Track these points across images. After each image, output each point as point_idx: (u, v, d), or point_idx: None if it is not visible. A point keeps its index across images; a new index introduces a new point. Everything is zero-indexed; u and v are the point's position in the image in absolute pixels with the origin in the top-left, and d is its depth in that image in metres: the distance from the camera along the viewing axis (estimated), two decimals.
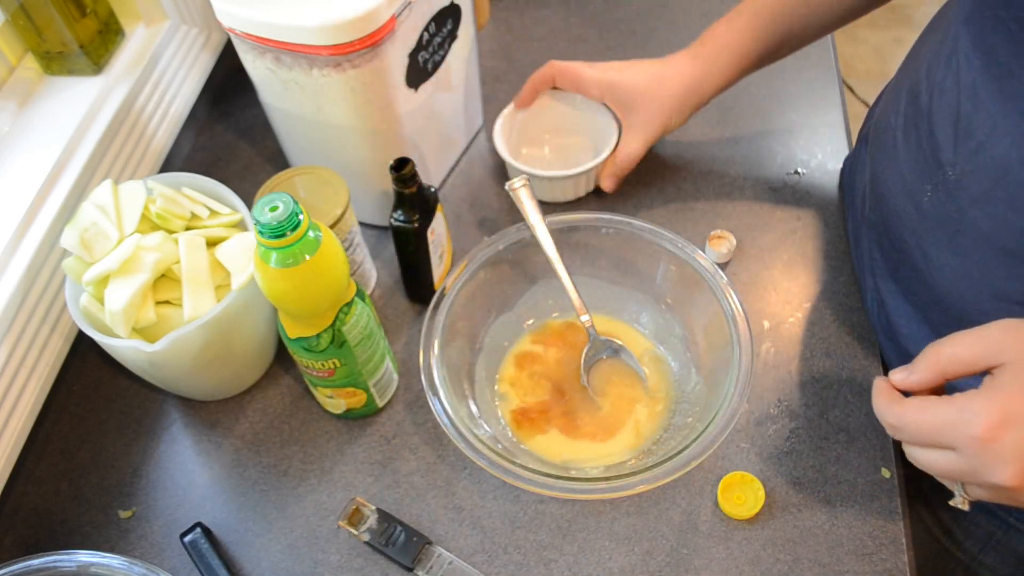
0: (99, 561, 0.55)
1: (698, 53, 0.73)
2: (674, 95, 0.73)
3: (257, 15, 0.62)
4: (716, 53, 0.73)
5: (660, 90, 0.73)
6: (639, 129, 0.74)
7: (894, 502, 0.61)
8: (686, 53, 0.74)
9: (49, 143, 0.73)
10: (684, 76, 0.73)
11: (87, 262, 0.62)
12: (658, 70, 0.74)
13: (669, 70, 0.73)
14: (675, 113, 0.74)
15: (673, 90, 0.73)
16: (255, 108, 0.83)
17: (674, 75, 0.73)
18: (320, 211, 0.66)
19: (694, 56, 0.73)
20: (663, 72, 0.73)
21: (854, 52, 2.24)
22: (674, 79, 0.73)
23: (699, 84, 0.73)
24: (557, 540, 0.61)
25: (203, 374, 0.65)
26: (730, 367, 0.60)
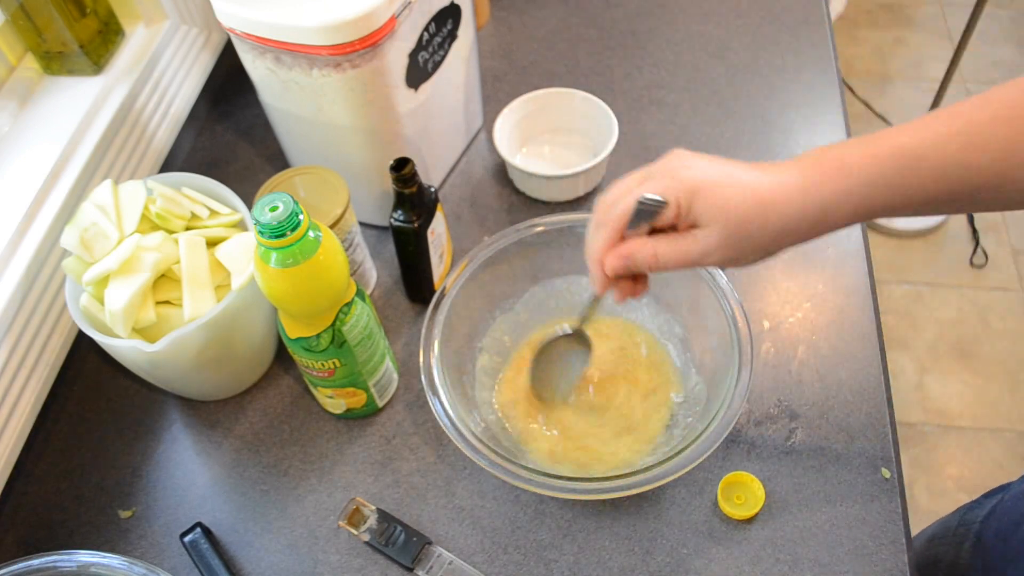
0: (99, 561, 0.55)
1: (813, 178, 0.47)
2: (751, 205, 0.47)
3: (257, 15, 0.62)
4: (837, 187, 0.47)
5: (734, 189, 0.48)
6: (699, 246, 0.49)
7: (894, 502, 0.61)
8: (797, 171, 0.48)
9: (49, 143, 0.73)
10: (776, 185, 0.48)
11: (87, 262, 0.62)
12: (743, 170, 0.49)
13: (761, 174, 0.48)
14: (747, 230, 0.48)
15: (753, 196, 0.47)
16: (255, 108, 0.83)
17: (765, 181, 0.48)
18: (320, 211, 0.66)
19: (805, 182, 0.47)
20: (750, 174, 0.49)
21: (854, 52, 2.24)
22: (761, 183, 0.48)
23: (791, 203, 0.47)
24: (557, 540, 0.61)
25: (203, 374, 0.65)
26: (730, 367, 0.60)
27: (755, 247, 0.49)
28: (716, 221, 0.47)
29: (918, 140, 0.45)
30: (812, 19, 0.97)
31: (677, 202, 0.48)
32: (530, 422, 0.66)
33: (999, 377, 1.62)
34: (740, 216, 0.47)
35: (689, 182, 0.48)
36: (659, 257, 0.50)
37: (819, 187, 0.47)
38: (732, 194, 0.47)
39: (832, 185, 0.46)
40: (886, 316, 1.70)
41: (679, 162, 0.50)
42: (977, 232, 1.83)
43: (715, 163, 0.49)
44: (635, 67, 0.94)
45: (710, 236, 0.48)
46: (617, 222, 0.51)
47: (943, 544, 0.74)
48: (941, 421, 1.57)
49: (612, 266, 0.52)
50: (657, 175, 0.50)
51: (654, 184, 0.49)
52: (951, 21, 2.29)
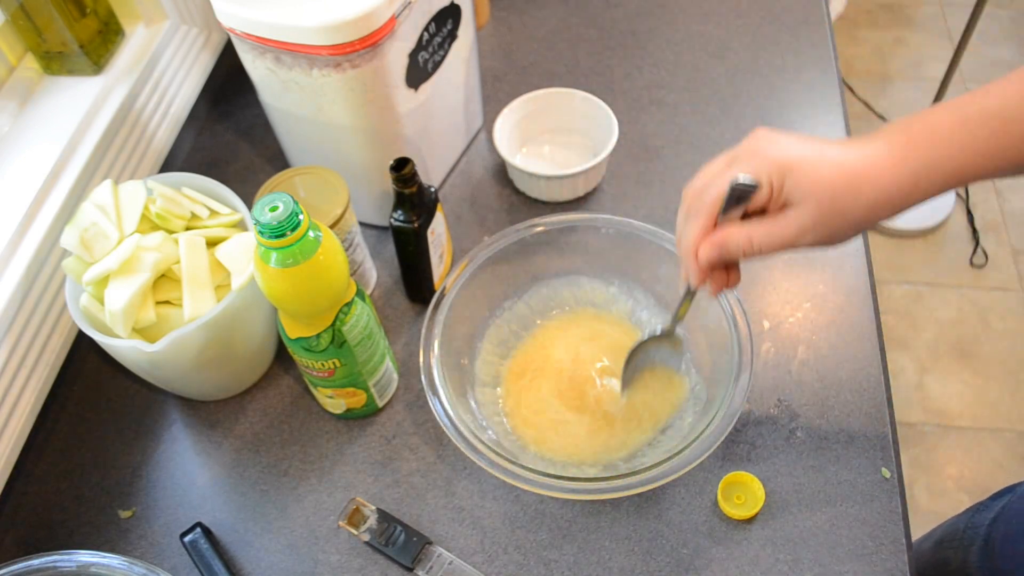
0: (99, 561, 0.55)
1: (903, 148, 0.47)
2: (843, 180, 0.47)
3: (257, 15, 0.62)
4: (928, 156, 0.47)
5: (824, 164, 0.48)
6: (794, 225, 0.49)
7: (894, 502, 0.61)
8: (886, 142, 0.47)
9: (49, 143, 0.73)
10: (866, 157, 0.47)
11: (87, 262, 0.62)
12: (829, 146, 0.49)
13: (848, 148, 0.48)
14: (840, 205, 0.47)
15: (845, 170, 0.47)
16: (255, 108, 0.83)
17: (854, 153, 0.48)
18: (320, 211, 0.66)
19: (895, 153, 0.47)
20: (837, 148, 0.48)
21: (854, 52, 2.24)
22: (851, 157, 0.47)
23: (883, 175, 0.47)
24: (557, 540, 0.61)
25: (203, 374, 0.65)
26: (730, 367, 0.60)
27: (849, 222, 0.48)
28: (809, 199, 0.47)
29: (1006, 102, 0.45)
30: (812, 19, 0.97)
31: (770, 182, 0.47)
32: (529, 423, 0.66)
33: (999, 377, 1.62)
34: (833, 192, 0.46)
35: (779, 161, 0.47)
36: (754, 242, 0.49)
37: (910, 157, 0.46)
38: (824, 170, 0.46)
39: (923, 154, 0.46)
40: (886, 316, 1.70)
41: (765, 141, 0.49)
42: (977, 232, 1.83)
43: (801, 140, 0.48)
44: (635, 67, 0.94)
45: (804, 215, 0.47)
46: (710, 208, 0.50)
47: (951, 547, 0.74)
48: (941, 421, 1.57)
49: (707, 256, 0.51)
50: (744, 156, 0.49)
51: (744, 166, 0.48)
52: (951, 21, 2.29)
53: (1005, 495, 0.71)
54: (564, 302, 0.72)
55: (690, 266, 0.52)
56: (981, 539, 0.70)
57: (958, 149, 0.45)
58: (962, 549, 0.72)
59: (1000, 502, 0.71)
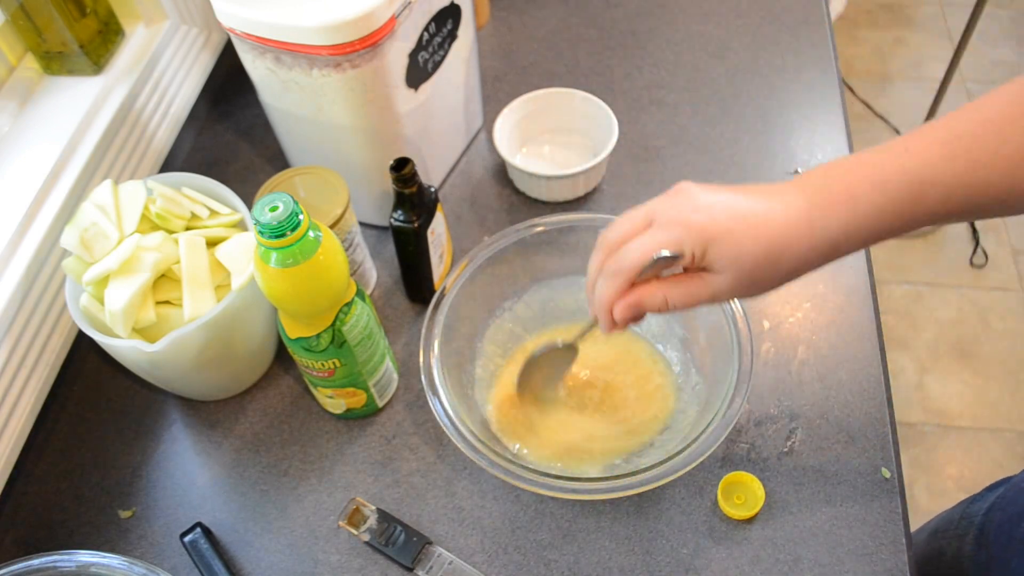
0: (99, 561, 0.55)
1: (822, 210, 0.47)
2: (763, 252, 0.47)
3: (257, 15, 0.62)
4: (846, 219, 0.47)
5: (746, 235, 0.47)
6: (708, 291, 0.50)
7: (894, 502, 0.61)
8: (805, 200, 0.47)
9: (49, 143, 0.73)
10: (786, 225, 0.47)
11: (87, 262, 0.62)
12: (752, 206, 0.48)
13: (770, 208, 0.48)
14: (760, 274, 0.48)
15: (765, 242, 0.47)
16: (255, 108, 0.83)
17: (776, 218, 0.47)
18: (320, 211, 0.66)
19: (813, 216, 0.47)
20: (759, 209, 0.48)
21: (854, 52, 2.24)
22: (772, 224, 0.47)
23: (801, 243, 0.47)
24: (557, 540, 0.61)
25: (203, 374, 0.65)
26: (730, 367, 0.60)
27: (767, 285, 0.49)
28: (729, 269, 0.47)
29: (923, 164, 0.45)
30: (812, 19, 0.97)
31: (692, 253, 0.48)
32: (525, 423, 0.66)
33: (999, 377, 1.62)
34: (753, 263, 0.47)
35: (701, 231, 0.47)
36: (670, 302, 0.50)
37: (828, 220, 0.46)
38: (745, 241, 0.47)
39: (841, 218, 0.46)
40: (886, 316, 1.70)
41: (688, 204, 0.48)
42: (977, 232, 1.83)
43: (722, 200, 0.48)
44: (635, 67, 0.94)
45: (723, 281, 0.48)
46: (629, 274, 0.50)
47: (945, 537, 0.74)
48: (941, 421, 1.57)
49: (622, 315, 0.51)
50: (666, 223, 0.49)
51: (665, 235, 0.48)
52: (951, 21, 2.29)
53: (1000, 486, 0.71)
54: (564, 302, 0.72)
55: (604, 320, 0.53)
56: (976, 528, 0.70)
57: (877, 211, 0.46)
58: (956, 539, 0.72)
59: (995, 493, 0.71)
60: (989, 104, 0.45)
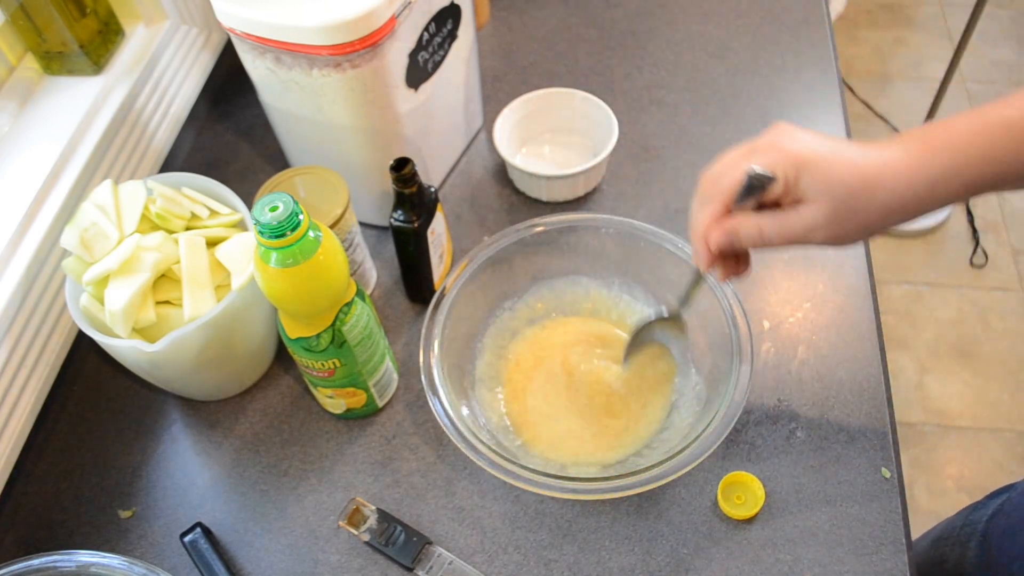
0: (99, 561, 0.55)
1: (920, 154, 0.47)
2: (858, 180, 0.47)
3: (257, 15, 0.62)
4: (945, 162, 0.47)
5: (841, 163, 0.48)
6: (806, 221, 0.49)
7: (894, 502, 0.61)
8: (903, 148, 0.48)
9: (49, 143, 0.73)
10: (883, 161, 0.47)
11: (87, 262, 0.62)
12: (848, 145, 0.49)
13: (867, 149, 0.48)
14: (854, 205, 0.48)
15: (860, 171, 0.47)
16: (255, 108, 0.83)
17: (872, 155, 0.48)
18: (320, 211, 0.66)
19: (912, 158, 0.47)
20: (855, 148, 0.48)
21: (854, 52, 2.24)
22: (868, 158, 0.47)
23: (899, 178, 0.47)
24: (557, 540, 0.61)
25: (203, 374, 0.65)
26: (730, 367, 0.60)
27: (861, 224, 0.48)
28: (823, 196, 0.47)
29: (1022, 112, 0.45)
30: (812, 19, 0.97)
31: (785, 176, 0.47)
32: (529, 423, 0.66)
33: (999, 377, 1.62)
34: (847, 191, 0.46)
35: (797, 156, 0.47)
36: (764, 232, 0.49)
37: (928, 163, 0.46)
38: (840, 169, 0.46)
39: (941, 160, 0.46)
40: (886, 316, 1.70)
41: (785, 135, 0.49)
42: (977, 232, 1.83)
43: (821, 137, 0.48)
44: (635, 67, 0.94)
45: (817, 211, 0.47)
46: (724, 195, 0.50)
47: (948, 544, 0.74)
48: (941, 421, 1.57)
49: (717, 241, 0.51)
50: (763, 148, 0.49)
51: (761, 158, 0.48)
52: (951, 21, 2.29)
53: (1003, 493, 0.71)
54: (564, 302, 0.72)
55: (700, 250, 0.52)
56: (979, 535, 0.70)
57: (977, 156, 0.45)
58: (959, 545, 0.72)
59: (998, 500, 0.71)
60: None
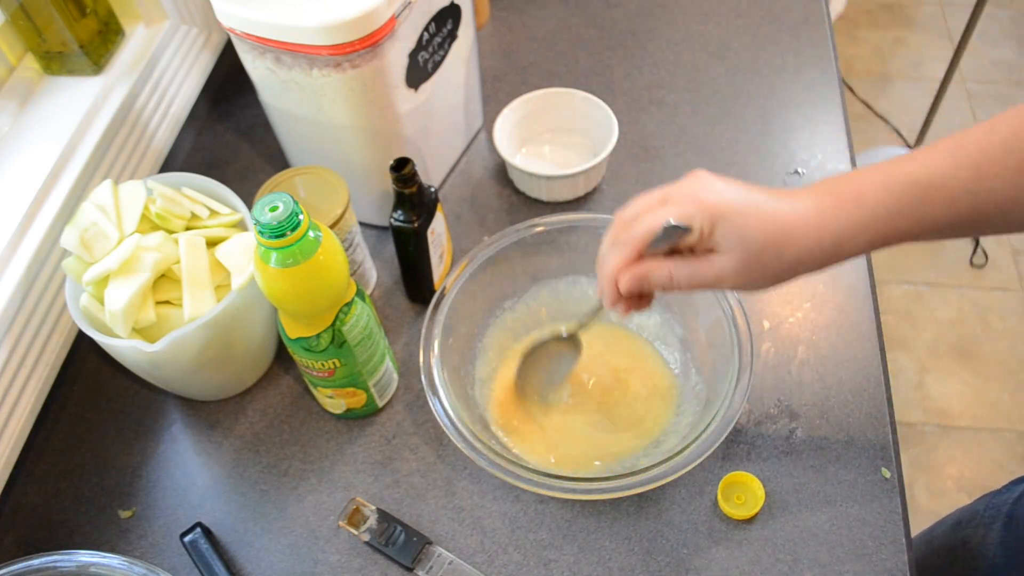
0: (99, 561, 0.55)
1: (829, 208, 0.48)
2: (770, 236, 0.48)
3: (257, 15, 0.62)
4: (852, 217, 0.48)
5: (755, 218, 0.48)
6: (715, 273, 0.50)
7: (894, 502, 0.61)
8: (814, 199, 0.49)
9: (49, 143, 0.73)
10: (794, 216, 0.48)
11: (87, 262, 0.62)
12: (762, 197, 0.49)
13: (779, 203, 0.49)
14: (765, 258, 0.49)
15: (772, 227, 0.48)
16: (255, 108, 0.83)
17: (784, 210, 0.48)
18: (320, 211, 0.66)
19: (822, 212, 0.48)
20: (769, 201, 0.49)
21: (854, 52, 2.23)
22: (780, 214, 0.48)
23: (808, 234, 0.48)
24: (557, 540, 0.61)
25: (203, 374, 0.65)
26: (730, 367, 0.60)
27: (770, 275, 0.49)
28: (736, 248, 0.48)
29: (930, 170, 0.46)
30: (812, 19, 0.97)
31: (701, 227, 0.49)
32: (525, 422, 0.66)
33: (999, 377, 1.62)
34: (759, 246, 0.48)
35: (712, 208, 0.48)
36: (674, 278, 0.51)
37: (835, 217, 0.47)
38: (752, 223, 0.48)
39: (847, 215, 0.47)
40: (886, 316, 1.70)
41: (701, 185, 0.50)
42: None
43: (736, 188, 0.49)
44: (635, 67, 0.94)
45: (727, 263, 0.49)
46: (639, 243, 0.51)
47: (970, 527, 0.74)
48: (941, 421, 1.57)
49: (627, 286, 0.52)
50: (679, 199, 0.50)
51: (677, 208, 0.49)
52: (951, 21, 2.29)
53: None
54: (564, 302, 0.72)
55: (608, 291, 0.53)
56: (1004, 516, 0.70)
57: (883, 211, 0.47)
58: (983, 527, 0.72)
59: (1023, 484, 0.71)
60: (998, 121, 0.46)
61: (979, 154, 0.45)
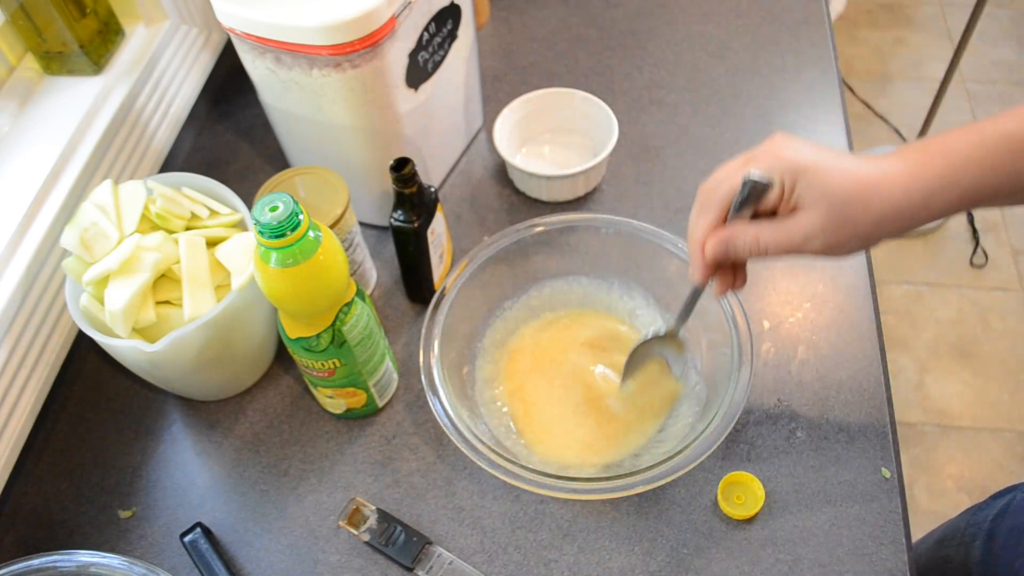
0: (99, 561, 0.55)
1: (917, 163, 0.48)
2: (854, 187, 0.47)
3: (257, 15, 0.62)
4: (942, 171, 0.47)
5: (837, 170, 0.48)
6: (802, 230, 0.49)
7: (894, 502, 0.61)
8: (899, 159, 0.48)
9: (49, 143, 0.73)
10: (879, 170, 0.48)
11: (87, 262, 0.62)
12: (844, 156, 0.49)
13: (862, 161, 0.49)
14: (850, 212, 0.48)
15: (856, 179, 0.47)
16: (255, 108, 0.83)
17: (867, 165, 0.48)
18: (320, 211, 0.66)
19: (909, 167, 0.48)
20: (851, 158, 0.49)
21: (854, 52, 2.23)
22: (864, 167, 0.48)
23: (895, 186, 0.47)
24: (557, 540, 0.61)
25: (203, 374, 0.65)
26: (730, 367, 0.60)
27: (857, 233, 0.48)
28: (819, 203, 0.47)
29: (1021, 123, 0.45)
30: (812, 19, 0.97)
31: (782, 182, 0.48)
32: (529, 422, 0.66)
33: (999, 377, 1.62)
34: (844, 199, 0.46)
35: (793, 163, 0.47)
36: (761, 241, 0.49)
37: (924, 173, 0.46)
38: (836, 176, 0.47)
39: (937, 171, 0.46)
40: (886, 316, 1.70)
41: (783, 144, 0.49)
42: (977, 232, 1.83)
43: (818, 147, 0.48)
44: (635, 67, 0.94)
45: (814, 219, 0.47)
46: (721, 202, 0.50)
47: (952, 546, 0.74)
48: (941, 421, 1.57)
49: (712, 252, 0.51)
50: (760, 156, 0.49)
51: (759, 165, 0.48)
52: (951, 21, 2.29)
53: (1008, 493, 0.71)
54: (564, 302, 0.72)
55: (696, 261, 0.52)
56: (984, 534, 0.70)
57: (975, 166, 0.46)
58: (964, 546, 0.72)
59: (1003, 500, 0.71)
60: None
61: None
